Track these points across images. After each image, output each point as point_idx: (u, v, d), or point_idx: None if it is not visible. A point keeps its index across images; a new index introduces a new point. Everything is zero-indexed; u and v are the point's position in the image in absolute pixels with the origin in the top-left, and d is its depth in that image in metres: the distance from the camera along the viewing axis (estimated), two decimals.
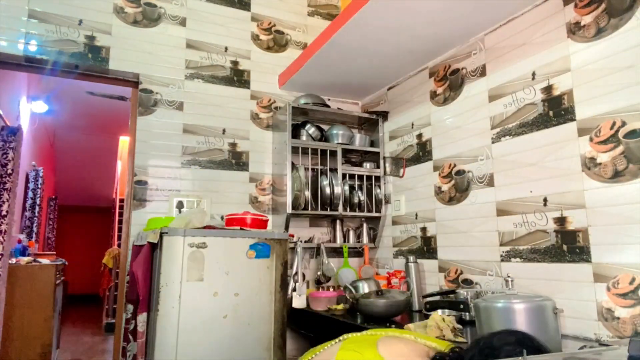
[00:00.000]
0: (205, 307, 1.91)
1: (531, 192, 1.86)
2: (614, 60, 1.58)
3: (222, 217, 2.33)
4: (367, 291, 2.36)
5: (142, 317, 1.94)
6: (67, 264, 4.84)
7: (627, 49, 1.54)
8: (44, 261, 3.43)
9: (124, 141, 6.95)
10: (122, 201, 6.25)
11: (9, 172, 2.55)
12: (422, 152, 2.57)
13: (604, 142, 1.59)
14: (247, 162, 2.80)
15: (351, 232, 2.96)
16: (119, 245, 5.80)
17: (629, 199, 1.50)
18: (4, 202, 2.51)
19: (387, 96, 2.94)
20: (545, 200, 1.80)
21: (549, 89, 1.82)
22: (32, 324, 3.01)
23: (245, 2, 2.97)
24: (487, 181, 2.10)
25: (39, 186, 5.25)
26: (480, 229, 2.12)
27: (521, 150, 1.92)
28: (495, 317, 1.44)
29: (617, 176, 1.55)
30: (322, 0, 3.26)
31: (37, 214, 5.19)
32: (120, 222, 6.74)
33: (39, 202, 5.25)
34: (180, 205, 2.55)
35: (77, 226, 10.36)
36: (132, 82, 2.63)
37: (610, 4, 1.62)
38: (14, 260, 3.19)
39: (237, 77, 2.86)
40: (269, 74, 2.96)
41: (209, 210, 2.61)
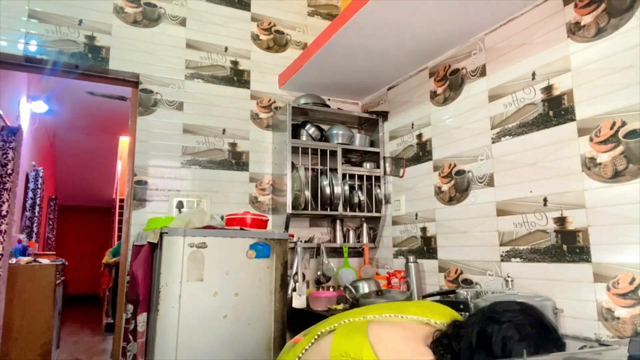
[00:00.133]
0: (205, 307, 1.91)
1: (531, 192, 1.86)
2: (614, 60, 1.58)
3: (222, 217, 2.33)
4: (367, 291, 2.37)
5: (142, 317, 1.94)
6: (67, 264, 4.84)
7: (627, 49, 1.54)
8: (44, 261, 3.43)
9: (124, 141, 6.94)
10: (122, 201, 6.24)
11: (9, 172, 2.55)
12: (422, 152, 2.57)
13: (604, 142, 1.59)
14: (247, 162, 2.80)
15: (351, 232, 2.95)
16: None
17: (629, 199, 1.50)
18: (4, 202, 2.51)
19: (387, 96, 2.94)
20: (545, 200, 1.80)
21: (549, 89, 1.82)
22: (32, 324, 3.01)
23: (245, 2, 2.97)
24: (487, 181, 2.10)
25: (39, 186, 5.25)
26: (480, 229, 2.12)
27: (521, 150, 1.92)
28: None
29: (617, 176, 1.55)
30: (322, 0, 3.26)
31: (37, 214, 5.19)
32: (120, 222, 6.74)
33: (39, 202, 5.25)
34: (180, 205, 2.55)
35: (77, 226, 10.35)
36: (132, 82, 2.63)
37: (610, 4, 1.61)
38: (14, 260, 3.19)
39: (237, 77, 2.86)
40: (269, 74, 2.96)
41: (209, 210, 2.61)
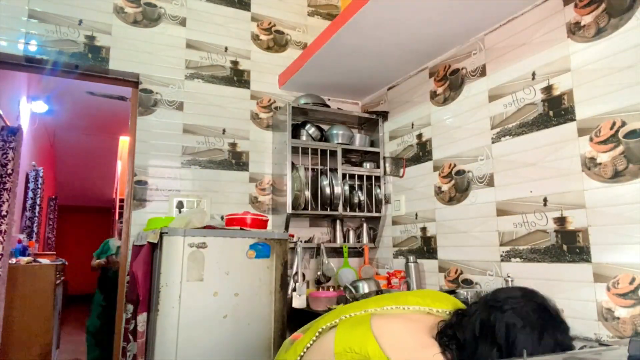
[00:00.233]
0: (205, 307, 1.91)
1: (531, 192, 1.86)
2: (614, 60, 1.58)
3: (222, 217, 2.33)
4: (367, 291, 2.37)
5: (142, 317, 1.94)
6: (67, 264, 4.84)
7: (627, 49, 1.54)
8: (44, 261, 3.43)
9: (124, 141, 6.94)
10: (122, 201, 6.23)
11: (9, 172, 2.55)
12: (422, 152, 2.57)
13: (604, 142, 1.59)
14: (247, 162, 2.80)
15: (351, 232, 2.95)
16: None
17: (629, 199, 1.50)
18: (4, 202, 2.51)
19: (387, 96, 2.94)
20: (545, 200, 1.80)
21: (549, 89, 1.82)
22: (32, 324, 3.01)
23: (245, 2, 2.97)
24: (487, 181, 2.10)
25: (39, 186, 5.25)
26: (480, 229, 2.12)
27: (521, 150, 1.92)
28: None
29: (617, 176, 1.55)
30: (322, 0, 3.26)
31: (37, 214, 5.19)
32: (120, 222, 6.73)
33: (39, 202, 5.25)
34: (180, 205, 2.55)
35: (77, 226, 10.35)
36: (132, 82, 2.63)
37: (610, 4, 1.61)
38: (14, 260, 3.19)
39: (237, 77, 2.86)
40: (269, 74, 2.96)
41: (209, 210, 2.61)
